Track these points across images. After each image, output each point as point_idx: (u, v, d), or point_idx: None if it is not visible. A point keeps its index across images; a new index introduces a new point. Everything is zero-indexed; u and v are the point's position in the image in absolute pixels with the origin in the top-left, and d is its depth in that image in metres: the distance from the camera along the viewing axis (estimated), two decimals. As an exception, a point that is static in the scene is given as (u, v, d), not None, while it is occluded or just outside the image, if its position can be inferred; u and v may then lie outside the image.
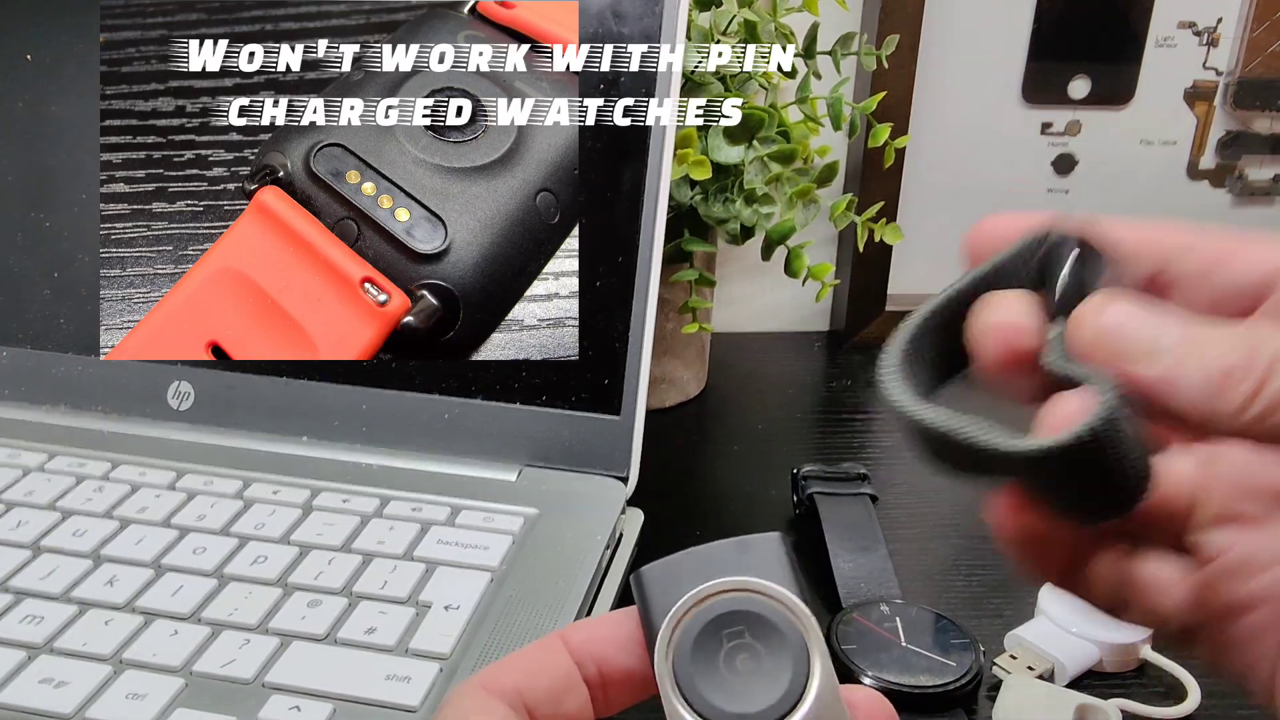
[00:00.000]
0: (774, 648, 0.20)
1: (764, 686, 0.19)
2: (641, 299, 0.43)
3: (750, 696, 0.19)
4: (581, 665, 0.21)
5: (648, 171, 0.43)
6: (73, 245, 0.48)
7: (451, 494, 0.42)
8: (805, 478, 0.48)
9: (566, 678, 0.21)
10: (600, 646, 0.21)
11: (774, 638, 0.20)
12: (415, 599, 0.36)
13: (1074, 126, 0.70)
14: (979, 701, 0.38)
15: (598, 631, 0.21)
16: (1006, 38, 0.67)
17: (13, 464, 0.44)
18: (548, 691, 0.20)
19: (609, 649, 0.21)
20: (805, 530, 0.46)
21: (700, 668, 0.19)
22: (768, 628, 0.20)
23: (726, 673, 0.19)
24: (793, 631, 0.20)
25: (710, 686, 0.19)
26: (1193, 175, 0.71)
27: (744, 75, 0.53)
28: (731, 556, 0.20)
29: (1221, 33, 0.68)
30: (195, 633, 0.34)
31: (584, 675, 0.21)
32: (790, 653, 0.19)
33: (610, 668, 0.21)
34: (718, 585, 0.20)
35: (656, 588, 0.20)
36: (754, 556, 0.20)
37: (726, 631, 0.20)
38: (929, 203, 0.71)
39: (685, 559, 0.21)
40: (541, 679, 0.20)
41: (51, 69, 0.49)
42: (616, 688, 0.21)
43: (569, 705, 0.20)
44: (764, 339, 0.73)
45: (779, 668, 0.19)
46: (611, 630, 0.21)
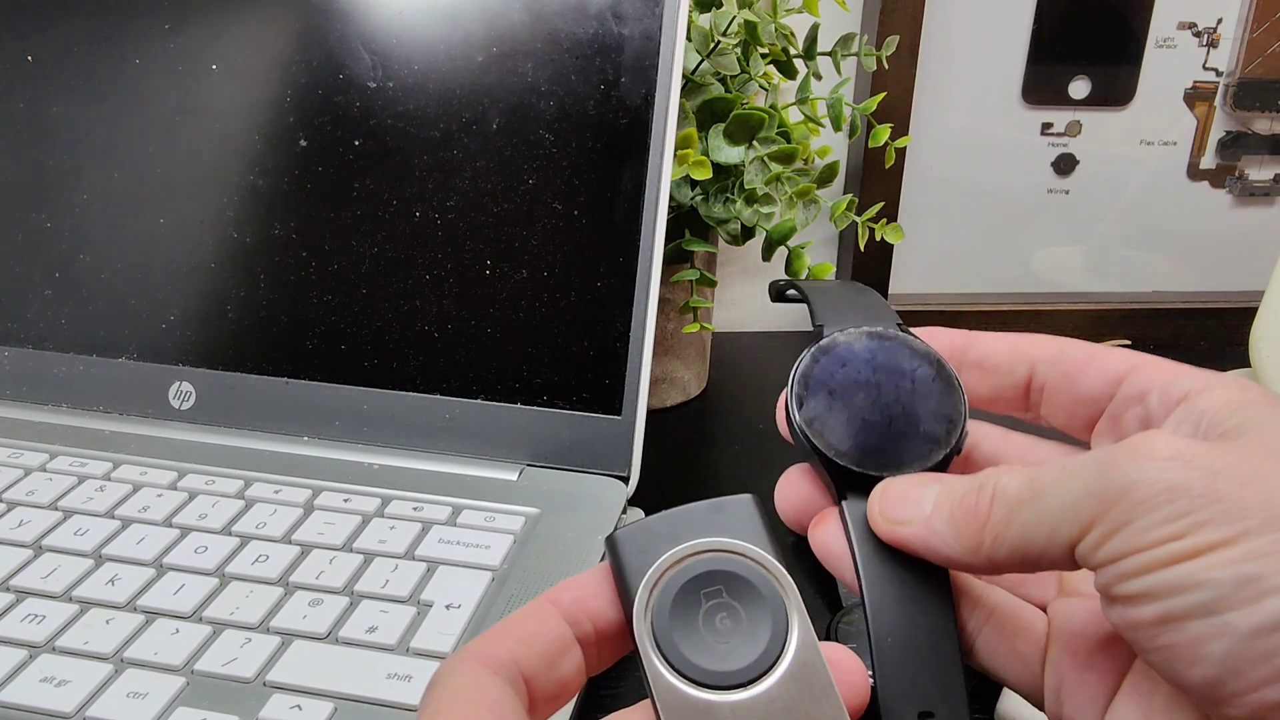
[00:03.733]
0: (752, 606, 0.20)
1: (744, 644, 0.19)
2: (642, 299, 0.43)
3: (730, 655, 0.19)
4: (575, 624, 0.21)
5: (648, 171, 0.43)
6: (73, 245, 0.48)
7: (453, 493, 0.42)
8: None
9: (560, 640, 0.20)
10: (594, 604, 0.21)
11: (752, 596, 0.20)
12: (416, 598, 0.36)
13: (1074, 127, 0.70)
14: (977, 700, 0.38)
15: (588, 588, 0.21)
16: (1007, 38, 0.68)
17: (14, 464, 0.44)
18: (542, 657, 0.20)
19: (602, 604, 0.21)
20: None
21: (679, 627, 0.20)
22: (745, 587, 0.20)
23: (705, 632, 0.20)
24: (770, 590, 0.20)
25: (690, 646, 0.19)
26: (1193, 175, 0.72)
27: (744, 76, 0.53)
28: (705, 518, 0.21)
29: (1221, 33, 0.68)
30: (196, 632, 0.34)
31: (579, 634, 0.21)
32: (769, 610, 0.20)
33: (606, 621, 0.21)
34: (694, 546, 0.20)
35: (632, 550, 0.20)
36: (728, 517, 0.21)
37: (704, 591, 0.20)
38: (929, 203, 0.71)
39: (658, 522, 0.21)
40: (536, 645, 0.20)
41: (51, 69, 0.49)
42: (610, 643, 0.21)
43: (565, 668, 0.20)
44: (764, 339, 0.73)
45: (758, 625, 0.20)
46: (600, 585, 0.21)
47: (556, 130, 0.44)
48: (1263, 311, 0.61)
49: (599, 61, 0.44)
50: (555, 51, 0.44)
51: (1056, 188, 0.71)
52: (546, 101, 0.44)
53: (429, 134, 0.45)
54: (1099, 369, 0.24)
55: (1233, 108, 0.70)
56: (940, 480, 0.23)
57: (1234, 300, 0.73)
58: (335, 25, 0.46)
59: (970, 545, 0.21)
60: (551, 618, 0.21)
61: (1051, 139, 0.70)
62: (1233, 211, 0.72)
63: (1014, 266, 0.73)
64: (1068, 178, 0.71)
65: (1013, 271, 0.73)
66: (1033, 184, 0.71)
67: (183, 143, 0.47)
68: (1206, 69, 0.69)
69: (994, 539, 0.21)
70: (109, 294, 0.48)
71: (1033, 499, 0.20)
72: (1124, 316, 0.72)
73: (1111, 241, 0.73)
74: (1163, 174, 0.71)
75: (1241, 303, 0.71)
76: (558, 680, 0.20)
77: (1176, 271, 0.74)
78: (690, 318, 0.56)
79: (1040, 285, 0.74)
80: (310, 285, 0.46)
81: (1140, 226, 0.73)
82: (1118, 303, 0.73)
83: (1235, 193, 0.72)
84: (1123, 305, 0.73)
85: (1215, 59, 0.68)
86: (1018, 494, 0.21)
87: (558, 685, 0.20)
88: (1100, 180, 0.71)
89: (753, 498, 0.21)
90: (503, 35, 0.44)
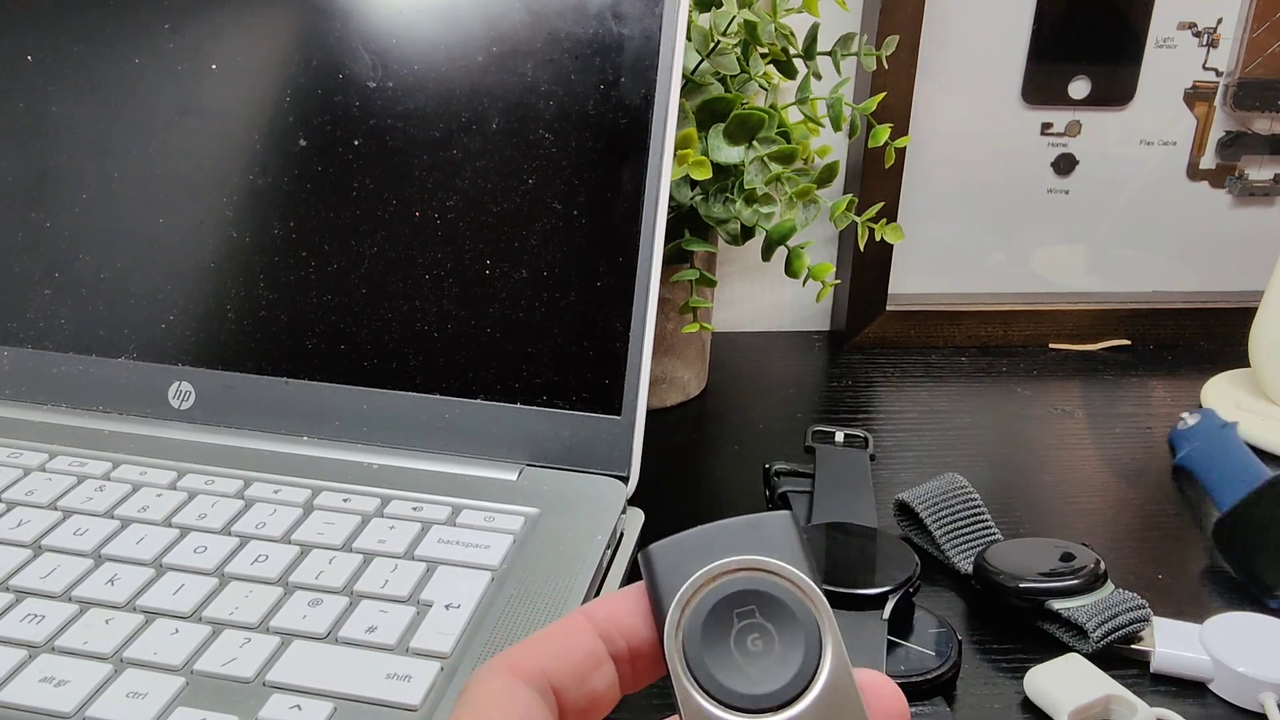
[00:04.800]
0: (786, 628, 0.19)
1: (776, 667, 0.19)
2: (642, 299, 0.43)
3: (762, 677, 0.19)
4: (609, 641, 0.20)
5: (648, 171, 0.43)
6: (73, 245, 0.48)
7: (452, 493, 0.42)
8: (778, 474, 0.49)
9: (592, 655, 0.20)
10: (627, 620, 0.20)
11: (786, 618, 0.19)
12: (416, 598, 0.36)
13: (1074, 127, 0.70)
14: (958, 689, 0.38)
15: (622, 605, 0.21)
16: (1007, 38, 0.68)
17: (13, 463, 0.44)
18: (574, 670, 0.20)
19: (636, 622, 0.20)
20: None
21: (711, 647, 0.19)
22: (779, 608, 0.19)
23: (737, 653, 0.19)
24: (804, 612, 0.19)
25: (721, 667, 0.19)
26: (1193, 175, 0.72)
27: (744, 76, 0.53)
28: (742, 535, 0.20)
29: (1221, 33, 0.68)
30: (196, 632, 0.34)
31: (612, 651, 0.20)
32: (802, 633, 0.19)
33: (639, 640, 0.20)
34: (729, 564, 0.20)
35: (665, 565, 0.20)
36: (764, 535, 0.20)
37: (737, 611, 0.19)
38: (929, 203, 0.71)
39: (694, 537, 0.20)
40: (567, 658, 0.20)
41: (51, 69, 0.49)
42: (644, 661, 0.21)
43: (596, 683, 0.20)
44: (764, 339, 0.73)
45: (791, 648, 0.19)
46: (636, 604, 0.21)
47: (556, 130, 0.44)
48: (1262, 311, 0.61)
49: (599, 61, 0.44)
50: (555, 51, 0.44)
51: (1056, 188, 0.71)
52: (546, 101, 0.44)
53: (429, 134, 0.45)
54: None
55: (1233, 108, 0.70)
56: None
57: (1234, 300, 0.73)
58: (335, 25, 0.46)
59: None
60: (585, 632, 0.20)
61: (1051, 139, 0.70)
62: (1233, 211, 0.73)
63: (1014, 266, 0.73)
64: (1068, 178, 0.71)
65: (1013, 271, 0.73)
66: (1033, 184, 0.71)
67: (182, 143, 0.47)
68: (1206, 69, 0.69)
69: None
70: (109, 294, 0.48)
71: None
72: (1124, 316, 0.72)
73: (1111, 241, 0.73)
74: (1163, 174, 0.71)
75: (1241, 303, 0.71)
76: (589, 694, 0.20)
77: (1176, 271, 0.74)
78: (690, 318, 0.56)
79: (1040, 285, 0.74)
80: (310, 285, 0.46)
81: (1140, 226, 0.73)
82: (1118, 303, 0.73)
83: (1235, 193, 0.72)
84: (1123, 305, 0.73)
85: (1215, 59, 0.68)
86: None
87: (589, 699, 0.20)
88: (1100, 180, 0.71)
89: (790, 514, 0.20)
90: (503, 35, 0.44)
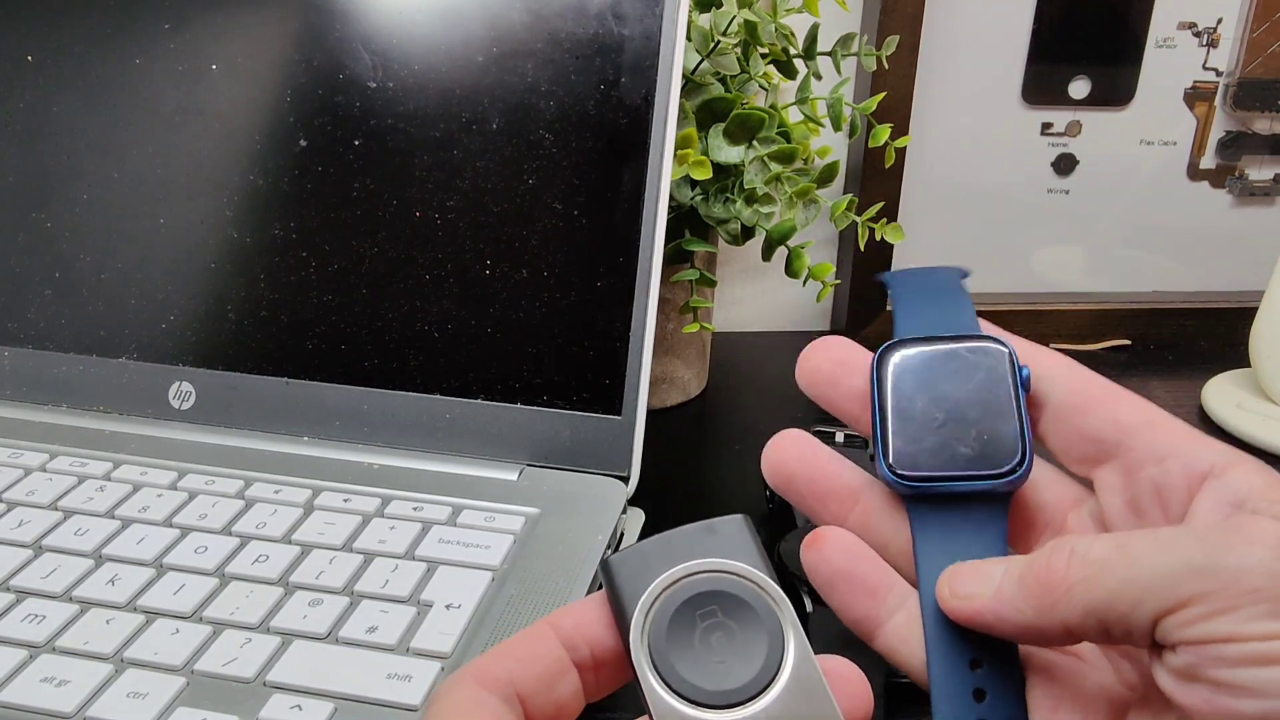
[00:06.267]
0: (747, 625, 0.20)
1: (741, 663, 0.20)
2: (642, 299, 0.43)
3: (728, 673, 0.20)
4: (573, 649, 0.21)
5: (648, 171, 0.43)
6: (73, 245, 0.48)
7: (453, 493, 0.42)
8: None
9: (557, 663, 0.21)
10: (591, 629, 0.21)
11: (747, 615, 0.20)
12: (416, 598, 0.36)
13: (1074, 127, 0.70)
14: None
15: (586, 614, 0.21)
16: (1007, 38, 0.68)
17: (14, 464, 0.44)
18: (539, 678, 0.20)
19: (600, 630, 0.21)
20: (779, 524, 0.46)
21: (676, 648, 0.20)
22: (740, 606, 0.20)
23: (702, 652, 0.20)
24: (765, 608, 0.20)
25: (687, 666, 0.20)
26: (1193, 175, 0.72)
27: (744, 76, 0.53)
28: (697, 539, 0.21)
29: (1221, 33, 0.68)
30: (196, 632, 0.34)
31: (576, 659, 0.21)
32: (764, 628, 0.20)
33: (603, 648, 0.21)
34: (688, 568, 0.20)
35: (625, 574, 0.21)
36: (720, 538, 0.21)
37: (699, 612, 0.20)
38: (929, 203, 0.71)
39: (652, 545, 0.21)
40: (533, 666, 0.20)
41: (52, 69, 0.49)
42: (608, 669, 0.21)
43: (561, 691, 0.21)
44: (764, 339, 0.73)
45: (754, 644, 0.20)
46: (600, 612, 0.21)
47: (556, 130, 0.44)
48: (1263, 311, 0.61)
49: (599, 61, 0.44)
50: (555, 51, 0.44)
51: (1056, 188, 0.71)
52: (546, 101, 0.44)
53: (429, 134, 0.45)
54: (1111, 413, 0.24)
55: (1233, 108, 0.70)
56: (1009, 560, 0.23)
57: (1234, 300, 0.73)
58: (335, 25, 0.46)
59: (1043, 605, 0.21)
60: (549, 640, 0.21)
61: (1051, 139, 0.70)
62: (1233, 211, 0.72)
63: (1014, 266, 0.73)
64: (1068, 178, 0.71)
65: (1013, 271, 0.73)
66: (1033, 184, 0.71)
67: (183, 143, 0.47)
68: (1206, 69, 0.69)
69: (1070, 601, 0.20)
70: (109, 294, 0.48)
71: (1122, 564, 0.20)
72: (1124, 316, 0.72)
73: (1111, 241, 0.73)
74: (1163, 174, 0.71)
75: (1241, 303, 0.71)
76: (554, 702, 0.21)
77: (1176, 271, 0.74)
78: (690, 318, 0.56)
79: (1040, 285, 0.74)
80: (310, 285, 0.46)
81: (1140, 226, 0.73)
82: (1118, 303, 0.73)
83: (1235, 193, 0.72)
84: (1123, 305, 0.73)
85: (1215, 59, 0.68)
86: (1103, 557, 0.20)
87: (554, 707, 0.21)
88: (1100, 180, 0.71)
89: (744, 517, 0.21)
90: (503, 35, 0.44)
